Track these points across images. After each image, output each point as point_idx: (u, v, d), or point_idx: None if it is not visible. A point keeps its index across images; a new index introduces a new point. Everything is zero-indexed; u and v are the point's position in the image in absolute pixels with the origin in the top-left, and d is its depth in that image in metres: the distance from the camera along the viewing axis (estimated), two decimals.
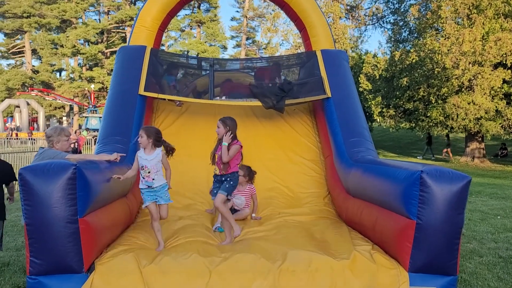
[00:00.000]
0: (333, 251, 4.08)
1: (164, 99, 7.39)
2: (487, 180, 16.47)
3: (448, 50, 21.19)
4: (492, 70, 21.14)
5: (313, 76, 7.19)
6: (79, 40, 53.07)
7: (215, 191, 4.77)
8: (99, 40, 54.92)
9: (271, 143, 7.00)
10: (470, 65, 21.01)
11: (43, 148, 4.52)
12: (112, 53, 53.17)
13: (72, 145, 7.57)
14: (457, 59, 20.99)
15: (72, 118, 54.35)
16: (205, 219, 5.60)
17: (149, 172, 4.37)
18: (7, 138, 28.37)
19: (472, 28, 20.86)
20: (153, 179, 4.39)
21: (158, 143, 4.44)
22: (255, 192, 5.90)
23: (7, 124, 43.10)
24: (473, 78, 21.38)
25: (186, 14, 56.37)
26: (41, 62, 55.49)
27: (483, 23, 20.88)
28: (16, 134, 34.43)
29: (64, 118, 55.52)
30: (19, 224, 7.52)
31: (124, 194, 5.01)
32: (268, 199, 6.23)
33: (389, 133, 33.95)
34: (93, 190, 3.71)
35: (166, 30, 8.51)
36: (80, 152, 20.22)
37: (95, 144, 12.18)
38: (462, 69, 20.77)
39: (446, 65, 21.16)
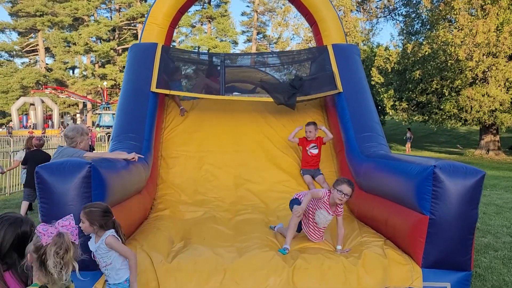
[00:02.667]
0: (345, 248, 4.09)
1: (179, 96, 7.42)
2: (502, 173, 16.28)
3: (461, 41, 20.93)
4: (507, 62, 20.83)
5: (324, 71, 7.16)
6: (91, 37, 53.53)
7: None
8: (111, 38, 55.29)
9: (283, 138, 6.99)
10: (484, 56, 20.73)
11: (62, 146, 4.61)
12: (124, 50, 53.50)
13: None
14: (470, 50, 20.72)
15: (86, 115, 54.88)
16: (218, 215, 5.62)
17: (98, 264, 3.39)
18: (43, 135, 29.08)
19: (486, 19, 20.55)
20: (107, 274, 3.36)
21: (106, 225, 3.26)
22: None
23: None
24: (487, 70, 21.11)
25: (196, 10, 56.45)
26: (55, 60, 56.10)
27: (497, 14, 20.56)
28: (32, 133, 34.90)
29: (78, 115, 56.10)
30: (36, 221, 7.63)
31: (139, 191, 5.05)
32: (280, 192, 6.25)
33: (402, 126, 33.68)
34: (108, 188, 3.74)
35: (177, 27, 8.53)
36: (93, 148, 20.47)
37: (108, 140, 12.34)
38: (476, 61, 20.50)
39: (459, 57, 20.91)
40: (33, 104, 44.13)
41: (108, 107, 41.52)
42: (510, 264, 5.54)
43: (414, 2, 27.41)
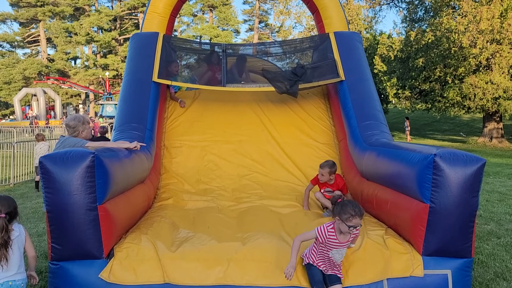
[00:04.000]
0: None
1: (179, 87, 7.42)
2: (505, 161, 16.26)
3: (465, 28, 20.77)
4: (511, 48, 20.67)
5: (326, 59, 7.13)
6: (93, 27, 53.37)
7: None
8: (112, 27, 55.15)
9: (285, 127, 7.00)
10: (488, 43, 20.58)
11: (64, 136, 4.63)
12: (126, 40, 53.39)
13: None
14: (474, 37, 20.58)
15: (88, 106, 54.94)
16: (222, 204, 5.65)
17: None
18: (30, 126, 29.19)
19: (490, 5, 20.37)
20: None
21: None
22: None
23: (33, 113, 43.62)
24: (491, 57, 20.97)
25: None
26: (56, 51, 56.05)
27: (501, 0, 20.37)
28: (36, 123, 34.98)
29: (81, 105, 56.14)
30: (40, 211, 7.71)
31: (142, 180, 5.08)
32: (283, 181, 6.27)
33: (405, 115, 33.57)
34: (112, 177, 3.76)
35: (178, 16, 8.48)
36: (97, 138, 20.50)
37: (111, 130, 12.38)
38: (479, 48, 20.36)
39: (463, 44, 20.77)
40: (35, 95, 44.12)
41: (111, 98, 41.52)
42: None
43: None
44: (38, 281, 3.70)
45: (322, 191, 5.47)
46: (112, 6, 57.47)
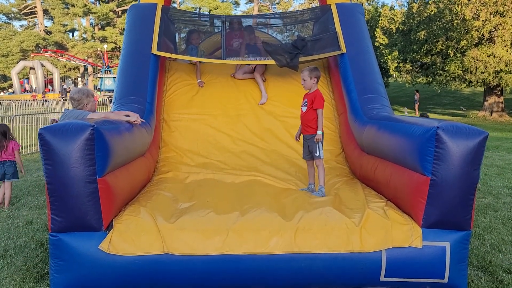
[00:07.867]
0: (348, 210, 4.11)
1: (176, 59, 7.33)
2: (505, 135, 16.28)
3: (468, 0, 20.43)
4: None
5: (327, 31, 7.03)
6: None
7: None
8: None
9: (285, 101, 6.95)
10: (491, 15, 20.28)
11: (68, 109, 4.65)
12: (124, 11, 52.49)
13: None
14: (477, 9, 20.27)
15: (87, 79, 54.53)
16: (221, 177, 5.66)
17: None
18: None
19: None
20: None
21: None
22: None
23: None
24: (494, 30, 20.71)
25: None
26: (53, 23, 55.24)
27: None
28: (35, 96, 34.77)
29: (79, 79, 55.74)
30: (41, 184, 7.74)
31: (142, 153, 5.07)
32: (283, 155, 6.27)
33: (405, 88, 33.43)
34: (112, 150, 3.74)
35: None
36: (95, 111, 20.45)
37: (110, 104, 12.33)
38: (482, 20, 20.09)
39: (465, 17, 20.48)
40: (33, 68, 43.71)
41: (109, 71, 41.21)
42: (510, 224, 5.61)
43: None
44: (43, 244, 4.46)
45: (302, 103, 5.12)
46: None
